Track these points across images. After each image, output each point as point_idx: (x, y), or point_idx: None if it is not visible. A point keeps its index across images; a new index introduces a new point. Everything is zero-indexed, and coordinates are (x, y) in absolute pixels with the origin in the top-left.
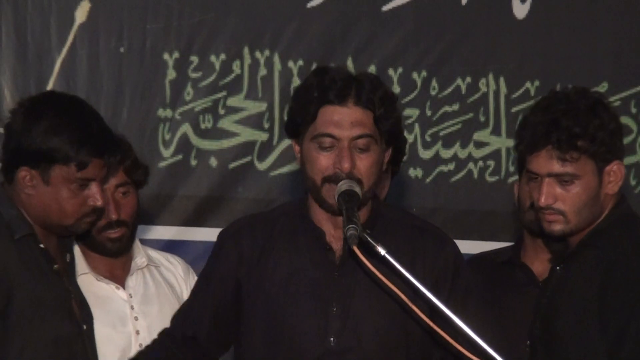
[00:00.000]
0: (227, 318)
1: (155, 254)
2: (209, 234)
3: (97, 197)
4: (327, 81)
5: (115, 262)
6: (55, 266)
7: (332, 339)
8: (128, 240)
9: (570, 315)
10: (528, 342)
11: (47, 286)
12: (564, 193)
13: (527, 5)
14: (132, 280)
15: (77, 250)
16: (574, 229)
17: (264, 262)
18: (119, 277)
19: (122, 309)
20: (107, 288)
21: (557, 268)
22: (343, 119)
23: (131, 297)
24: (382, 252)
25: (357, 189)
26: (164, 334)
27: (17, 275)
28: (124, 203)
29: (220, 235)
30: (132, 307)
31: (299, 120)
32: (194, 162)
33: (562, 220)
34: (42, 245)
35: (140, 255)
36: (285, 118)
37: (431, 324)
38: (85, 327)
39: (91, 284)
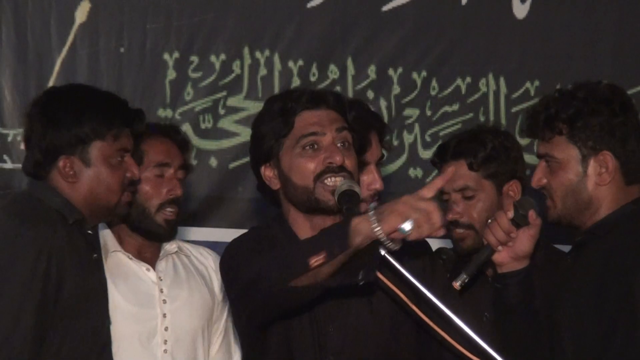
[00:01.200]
0: None
1: (186, 245)
2: (209, 234)
3: (134, 169)
4: (297, 94)
5: (148, 245)
6: (95, 255)
7: (330, 357)
8: (176, 224)
9: (570, 308)
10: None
11: (89, 275)
12: (549, 176)
13: (527, 5)
14: (162, 265)
15: (107, 231)
16: (563, 215)
17: None
18: (149, 260)
19: (151, 290)
20: (137, 268)
21: (568, 258)
22: (322, 119)
23: (161, 280)
24: (382, 252)
25: (357, 189)
26: None
27: (68, 262)
28: (180, 185)
29: (233, 243)
30: (161, 290)
31: (273, 138)
32: (194, 162)
33: (551, 204)
34: (90, 232)
35: (171, 242)
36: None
37: (435, 327)
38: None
39: (121, 263)
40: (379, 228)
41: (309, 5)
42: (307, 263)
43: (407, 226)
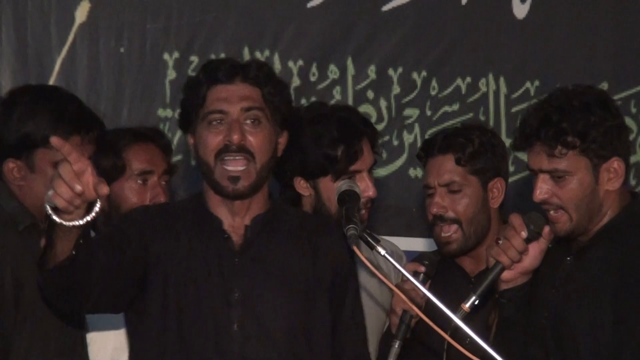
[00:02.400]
0: (128, 275)
1: None
2: None
3: None
4: (214, 65)
5: None
6: None
7: (235, 325)
8: None
9: (583, 308)
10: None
11: None
12: (557, 189)
13: (527, 5)
14: None
15: None
16: (577, 227)
17: (166, 244)
18: None
19: None
20: None
21: (568, 259)
22: (231, 95)
23: None
24: (382, 252)
25: (357, 189)
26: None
27: (25, 265)
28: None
29: (126, 213)
30: None
31: (190, 108)
32: (194, 162)
33: (566, 218)
34: None
35: None
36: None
37: (433, 325)
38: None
39: None
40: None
41: (309, 5)
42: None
43: (48, 195)
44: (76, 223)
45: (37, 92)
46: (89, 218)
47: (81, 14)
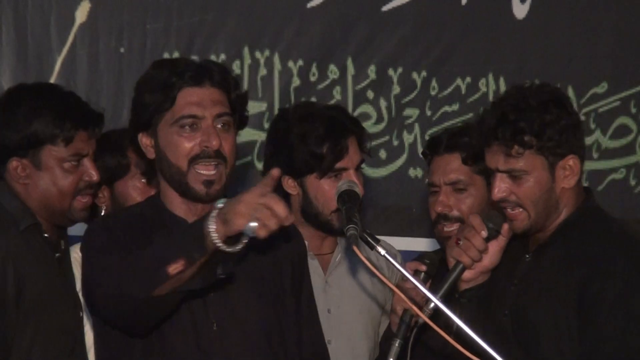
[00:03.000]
0: None
1: None
2: None
3: (92, 172)
4: (181, 66)
5: None
6: (58, 254)
7: (214, 323)
8: None
9: (544, 306)
10: None
11: (53, 275)
12: (515, 187)
13: (527, 5)
14: None
15: None
16: (535, 224)
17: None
18: None
19: None
20: None
21: (527, 257)
22: (204, 99)
23: None
24: (382, 252)
25: (357, 189)
26: None
27: (26, 265)
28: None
29: (91, 226)
30: None
31: (152, 108)
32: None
33: (524, 216)
34: (46, 235)
35: None
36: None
37: (432, 324)
38: (81, 313)
39: None
40: (215, 234)
41: (309, 5)
42: (166, 272)
43: (251, 227)
44: (237, 247)
45: (37, 90)
46: (246, 241)
47: (81, 14)
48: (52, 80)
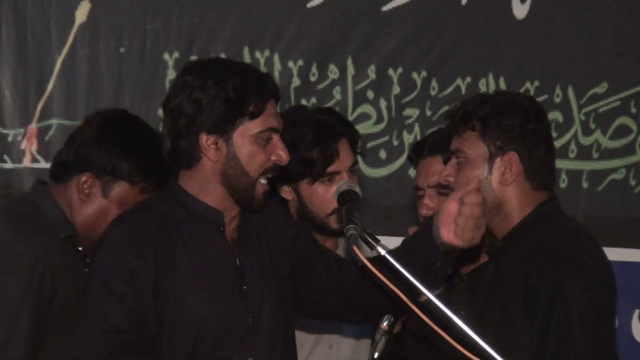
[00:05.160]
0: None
1: None
2: None
3: None
4: (264, 77)
5: None
6: (86, 270)
7: (250, 318)
8: None
9: (498, 307)
10: None
11: (81, 290)
12: (457, 171)
13: (527, 5)
14: None
15: None
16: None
17: (167, 255)
18: None
19: None
20: None
21: (491, 266)
22: (277, 113)
23: None
24: (382, 251)
25: (357, 189)
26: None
27: (61, 275)
28: None
29: (109, 234)
30: None
31: (237, 114)
32: None
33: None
34: (80, 248)
35: None
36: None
37: (431, 324)
38: None
39: None
40: None
41: (309, 5)
42: None
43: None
44: None
45: (137, 126)
46: None
47: (81, 14)
48: (52, 80)
